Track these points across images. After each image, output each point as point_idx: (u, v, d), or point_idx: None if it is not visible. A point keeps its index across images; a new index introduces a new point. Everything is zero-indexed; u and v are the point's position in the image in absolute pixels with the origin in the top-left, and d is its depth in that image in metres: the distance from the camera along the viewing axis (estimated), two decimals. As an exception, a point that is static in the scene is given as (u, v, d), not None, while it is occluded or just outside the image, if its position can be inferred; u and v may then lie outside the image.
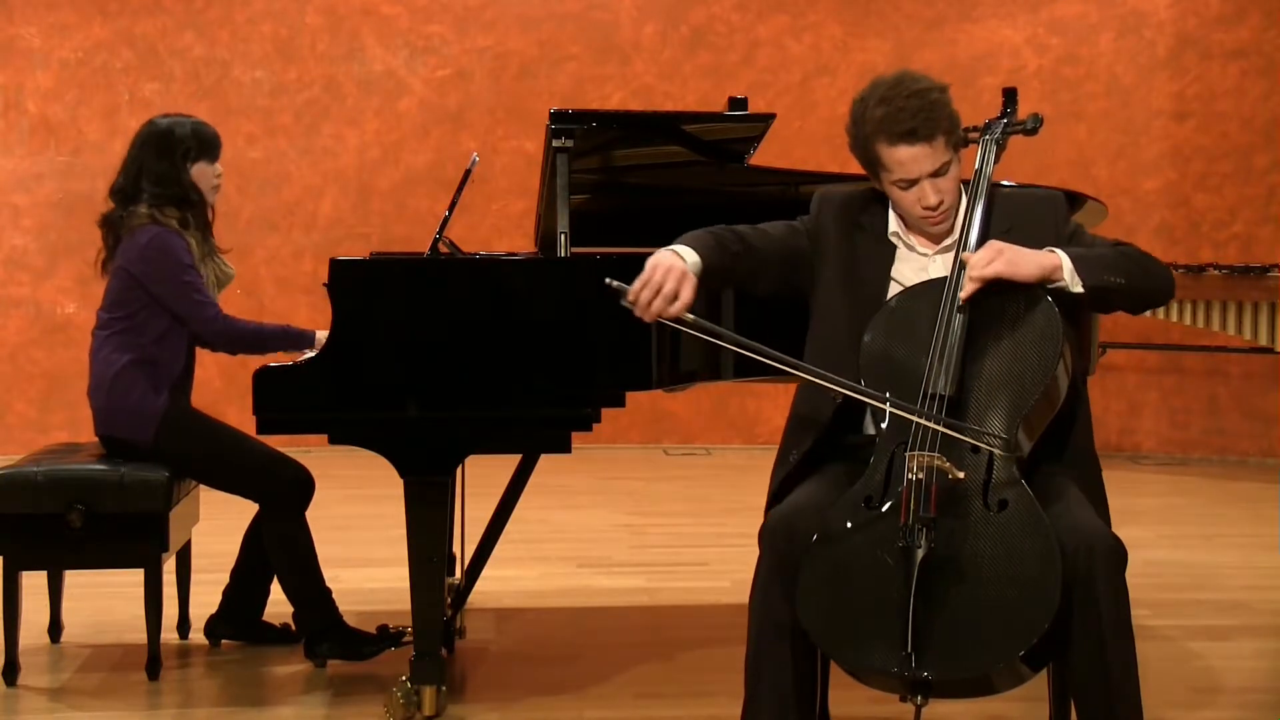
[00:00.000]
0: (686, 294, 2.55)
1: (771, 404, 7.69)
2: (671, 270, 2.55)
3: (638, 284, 2.54)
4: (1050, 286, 2.57)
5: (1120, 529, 2.52)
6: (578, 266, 3.25)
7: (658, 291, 2.53)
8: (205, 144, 3.77)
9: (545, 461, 3.66)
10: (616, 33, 7.72)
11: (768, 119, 3.61)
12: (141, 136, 3.77)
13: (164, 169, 3.70)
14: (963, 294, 2.56)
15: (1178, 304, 6.41)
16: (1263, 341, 6.36)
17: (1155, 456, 7.49)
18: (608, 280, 2.53)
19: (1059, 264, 2.56)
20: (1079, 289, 2.56)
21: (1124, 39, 7.50)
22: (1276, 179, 7.32)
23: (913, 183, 2.65)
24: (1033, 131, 2.82)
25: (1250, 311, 6.33)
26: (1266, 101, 7.30)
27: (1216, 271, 6.43)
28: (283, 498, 3.65)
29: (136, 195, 3.70)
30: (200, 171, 3.75)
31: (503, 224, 7.55)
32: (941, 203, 2.66)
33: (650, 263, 2.57)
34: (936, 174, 2.64)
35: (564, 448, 3.21)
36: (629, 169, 3.89)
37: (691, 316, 2.55)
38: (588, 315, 3.18)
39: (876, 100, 2.63)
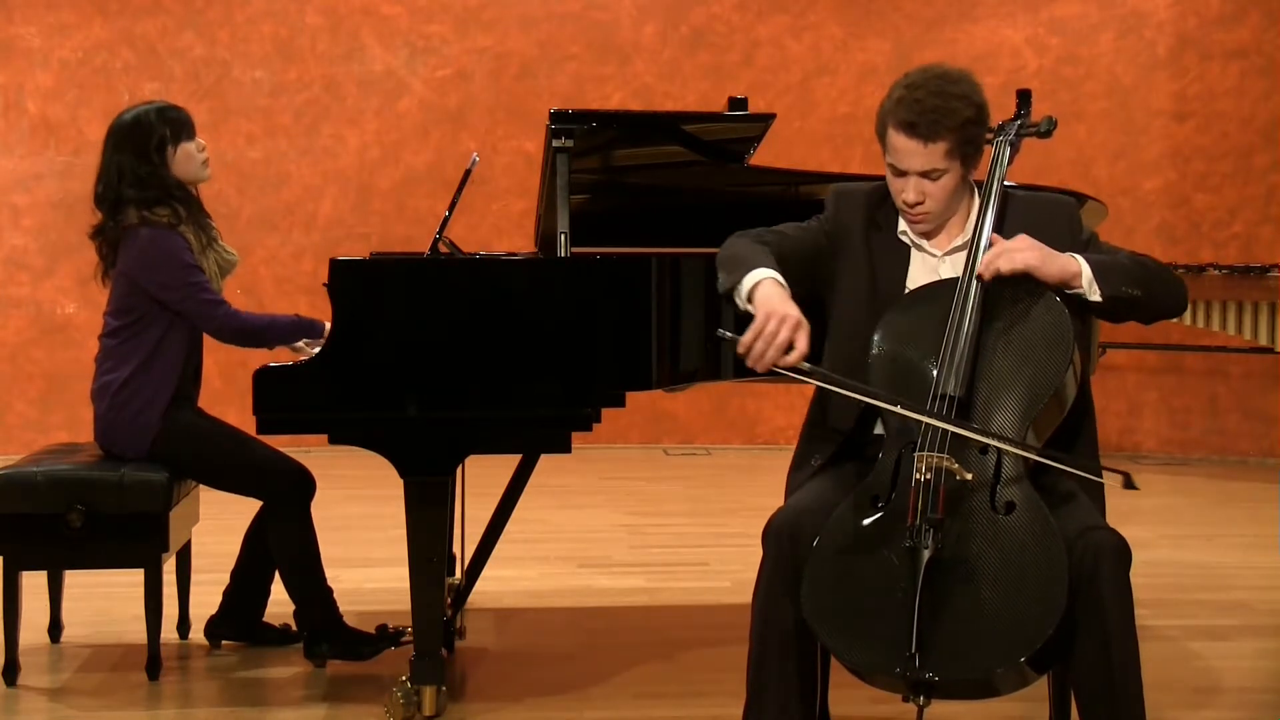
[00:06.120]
0: (802, 343, 2.47)
1: (772, 404, 7.69)
2: (786, 319, 2.47)
3: (750, 335, 2.47)
4: (1067, 293, 2.56)
5: (1120, 529, 2.51)
6: (578, 266, 3.25)
7: (771, 341, 2.46)
8: (177, 126, 3.68)
9: (545, 461, 3.66)
10: (616, 33, 7.71)
11: (768, 119, 3.61)
12: (112, 136, 3.69)
13: (142, 169, 3.63)
14: (982, 269, 2.55)
15: (1178, 304, 6.40)
16: (1263, 341, 6.36)
17: (1155, 456, 7.49)
18: (719, 331, 2.49)
19: (1079, 270, 2.56)
20: (1096, 297, 2.56)
21: (1124, 39, 7.49)
22: (1276, 179, 7.32)
23: (902, 173, 2.66)
24: (1046, 134, 2.80)
25: (1250, 311, 6.33)
26: (1266, 101, 7.30)
27: (1216, 271, 6.43)
28: (285, 496, 3.65)
29: (120, 201, 3.64)
30: (184, 153, 3.68)
31: (503, 224, 7.55)
32: (920, 204, 2.66)
33: (762, 310, 2.48)
34: (925, 175, 2.63)
35: (564, 448, 3.21)
36: (629, 169, 3.89)
37: (808, 366, 2.47)
38: (588, 315, 3.18)
39: (906, 82, 2.64)
